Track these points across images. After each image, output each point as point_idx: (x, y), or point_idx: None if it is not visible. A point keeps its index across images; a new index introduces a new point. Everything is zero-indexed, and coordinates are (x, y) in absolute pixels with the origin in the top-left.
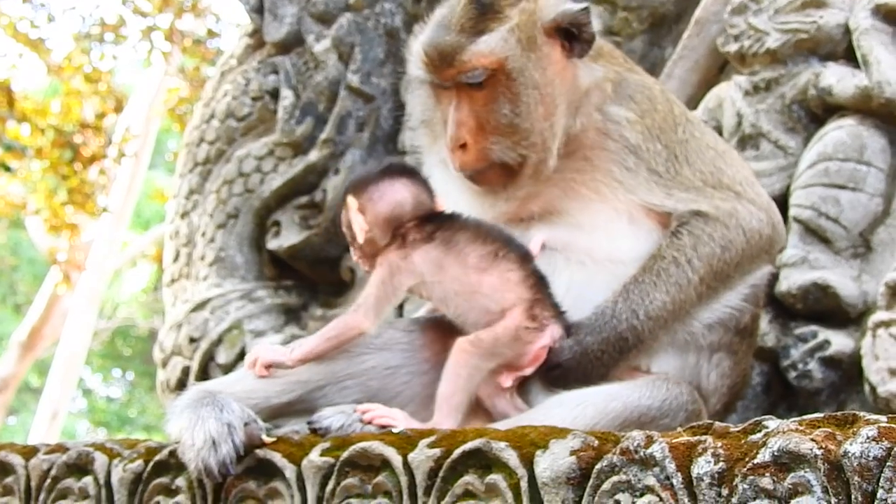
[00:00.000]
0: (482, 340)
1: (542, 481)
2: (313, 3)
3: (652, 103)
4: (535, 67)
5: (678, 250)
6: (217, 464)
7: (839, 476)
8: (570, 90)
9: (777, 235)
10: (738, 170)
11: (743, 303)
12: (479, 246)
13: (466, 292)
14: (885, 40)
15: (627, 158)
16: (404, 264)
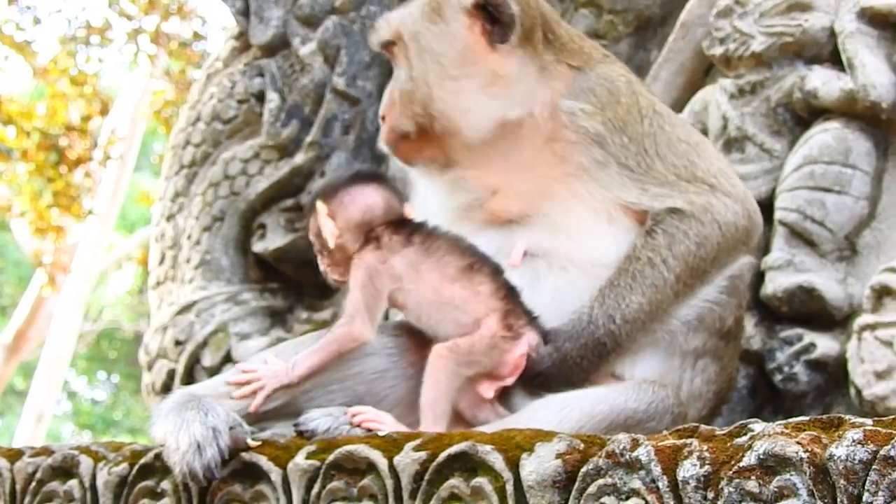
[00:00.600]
0: (459, 346)
1: (527, 484)
2: (299, 6)
3: (614, 95)
4: (435, 38)
5: (653, 250)
6: (202, 468)
7: (825, 479)
8: (492, 73)
9: (753, 225)
10: (712, 162)
11: (721, 295)
12: (458, 258)
13: (439, 302)
14: (870, 43)
15: (593, 150)
16: (383, 267)
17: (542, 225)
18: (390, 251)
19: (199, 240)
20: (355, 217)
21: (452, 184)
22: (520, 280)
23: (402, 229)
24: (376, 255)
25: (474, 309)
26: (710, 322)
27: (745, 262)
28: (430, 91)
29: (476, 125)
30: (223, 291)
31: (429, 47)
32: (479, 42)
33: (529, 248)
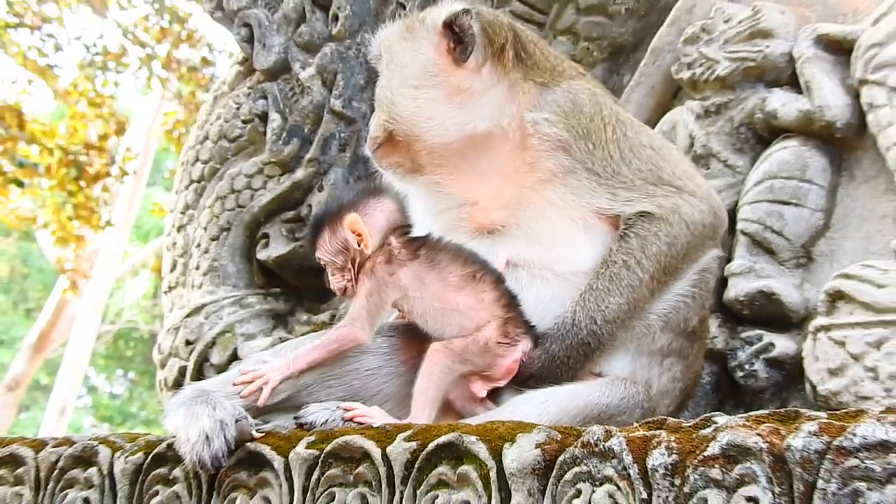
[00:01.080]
0: (454, 345)
1: (509, 472)
2: (299, 34)
3: (577, 105)
4: (404, 52)
5: (627, 253)
6: (210, 457)
7: (783, 467)
8: (455, 87)
9: (718, 221)
10: (677, 164)
11: (692, 289)
12: (460, 267)
13: (445, 309)
14: (825, 68)
15: (559, 156)
16: (391, 279)
17: (523, 235)
18: (398, 264)
19: (207, 248)
20: (381, 223)
21: (428, 188)
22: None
23: (409, 242)
24: (386, 268)
25: (478, 315)
26: (677, 321)
27: (713, 255)
28: (394, 98)
29: (437, 132)
30: (230, 295)
31: (397, 60)
32: (444, 58)
33: (511, 258)
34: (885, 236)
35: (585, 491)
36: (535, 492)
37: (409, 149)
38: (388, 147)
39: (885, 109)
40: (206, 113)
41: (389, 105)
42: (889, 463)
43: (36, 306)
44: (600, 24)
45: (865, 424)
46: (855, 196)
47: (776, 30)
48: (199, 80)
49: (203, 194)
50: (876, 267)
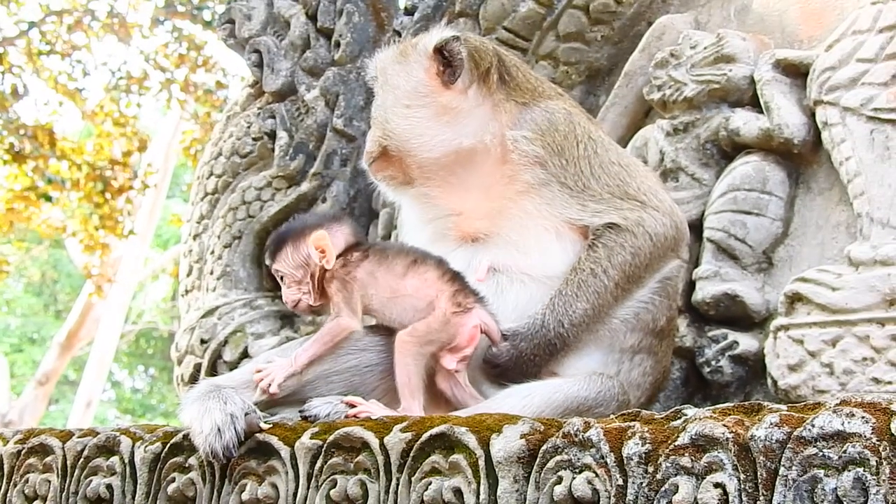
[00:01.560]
0: (417, 329)
1: (496, 460)
2: (305, 59)
3: (552, 124)
4: (396, 74)
5: (594, 262)
6: (222, 448)
7: (747, 456)
8: (443, 107)
9: (680, 234)
10: (643, 181)
11: (653, 296)
12: (403, 257)
13: (396, 297)
14: (783, 89)
15: (536, 170)
16: (349, 279)
17: (503, 242)
18: (353, 267)
19: (220, 255)
20: (340, 245)
21: (418, 200)
22: (486, 293)
23: (360, 248)
24: (344, 270)
25: (425, 294)
26: (645, 321)
27: (675, 265)
28: (387, 116)
29: (426, 148)
30: (241, 298)
31: (391, 81)
32: (434, 80)
33: (492, 264)
34: (838, 243)
35: (566, 478)
36: (521, 478)
37: (402, 163)
38: (382, 161)
39: (838, 128)
40: (219, 131)
41: (384, 123)
42: (845, 451)
43: (65, 308)
44: (578, 50)
45: (823, 416)
46: (811, 206)
47: (738, 55)
48: (213, 101)
49: (217, 205)
50: (831, 271)
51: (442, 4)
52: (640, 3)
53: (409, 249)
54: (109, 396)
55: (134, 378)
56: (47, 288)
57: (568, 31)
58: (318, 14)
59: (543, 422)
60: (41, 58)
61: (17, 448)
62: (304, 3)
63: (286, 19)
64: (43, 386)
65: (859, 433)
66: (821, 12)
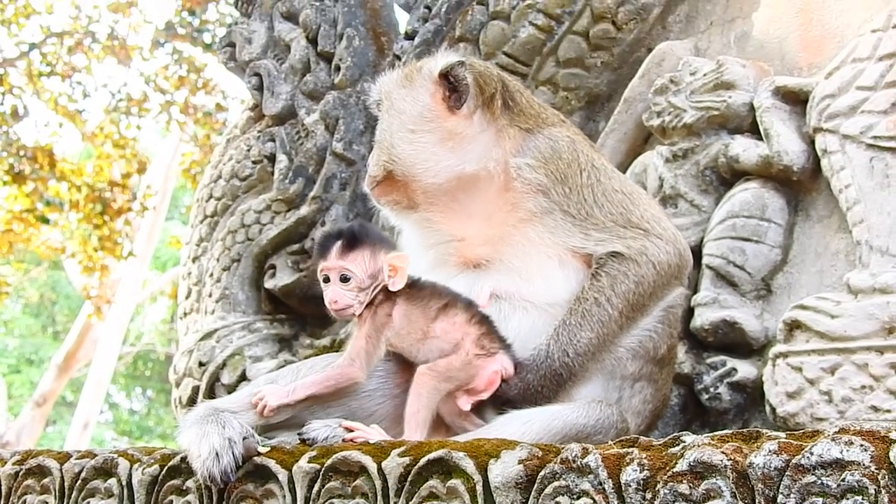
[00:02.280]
0: (438, 366)
1: (494, 485)
2: (305, 83)
3: (555, 152)
4: (402, 99)
5: (598, 291)
6: (220, 472)
7: (745, 483)
8: (448, 132)
9: (683, 262)
10: (646, 209)
11: (658, 324)
12: (436, 300)
13: (425, 338)
14: (783, 117)
15: (539, 198)
16: (388, 320)
17: (505, 269)
18: (391, 305)
19: (219, 278)
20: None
21: (420, 225)
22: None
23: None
24: (384, 309)
25: (452, 336)
26: (647, 349)
27: (678, 293)
28: (393, 140)
29: (431, 173)
30: (239, 321)
31: (396, 105)
32: (440, 105)
33: (495, 291)
34: (837, 271)
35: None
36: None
37: (407, 188)
38: (386, 185)
39: (838, 155)
40: (219, 154)
41: (389, 147)
42: (843, 479)
43: (63, 329)
44: (578, 76)
45: (821, 444)
46: (810, 234)
47: (738, 82)
48: (213, 124)
49: (216, 228)
50: (830, 299)
51: (442, 29)
52: (640, 30)
53: (443, 291)
54: (107, 418)
55: (131, 400)
56: (45, 309)
57: (568, 56)
58: (319, 38)
59: (542, 447)
60: (41, 79)
61: (14, 469)
62: (305, 27)
63: (286, 43)
64: (40, 407)
65: (858, 461)
66: (820, 40)
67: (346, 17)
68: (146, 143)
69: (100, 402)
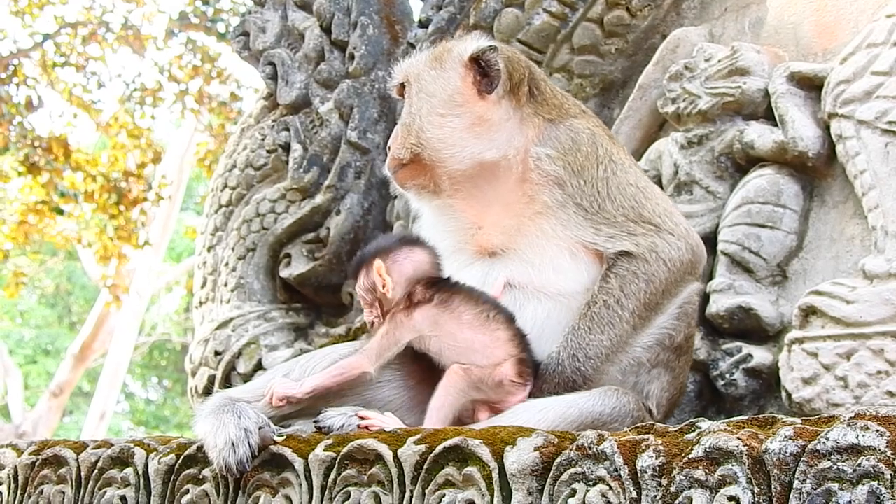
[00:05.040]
0: (472, 372)
1: (510, 473)
2: (319, 72)
3: (575, 144)
4: (433, 81)
5: (607, 293)
6: (236, 463)
7: (761, 469)
8: (477, 117)
9: (697, 257)
10: (658, 203)
11: (675, 321)
12: (472, 306)
13: (460, 347)
14: (798, 102)
15: (554, 191)
16: (406, 321)
17: (519, 259)
18: (415, 308)
19: (234, 267)
20: (408, 272)
21: (442, 210)
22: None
23: (430, 288)
24: (404, 312)
25: (494, 353)
26: (664, 343)
27: (693, 288)
28: (422, 124)
29: (457, 158)
30: (255, 310)
31: (426, 88)
32: (470, 90)
33: (509, 280)
34: (853, 256)
35: (580, 490)
36: (534, 491)
37: (432, 172)
38: (411, 169)
39: (853, 141)
40: (234, 143)
41: (418, 130)
42: (859, 465)
43: (79, 320)
44: (592, 63)
45: (837, 429)
46: (825, 219)
47: (753, 68)
48: (227, 113)
49: (231, 218)
50: (845, 284)
51: (456, 17)
52: (655, 16)
53: (479, 297)
54: (123, 408)
55: (148, 390)
56: (61, 300)
57: (582, 43)
58: (333, 27)
59: (557, 434)
60: (56, 70)
61: (31, 459)
62: (319, 16)
63: (300, 32)
64: (57, 397)
65: (874, 446)
66: (835, 25)
67: (360, 5)
68: (161, 132)
69: (116, 392)
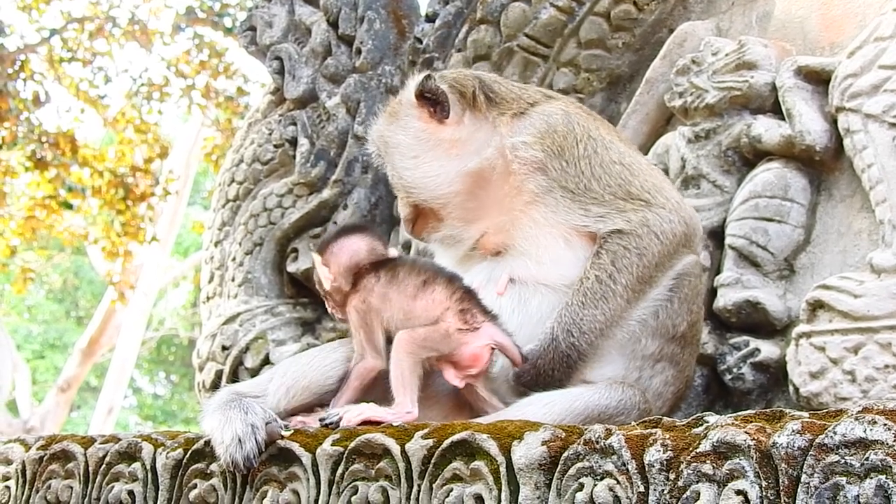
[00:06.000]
0: (416, 331)
1: (518, 467)
2: (326, 66)
3: (550, 126)
4: (394, 134)
5: (599, 269)
6: (242, 458)
7: (769, 463)
8: (448, 142)
9: (690, 230)
10: (646, 178)
11: (670, 293)
12: (414, 277)
13: (406, 318)
14: (805, 96)
15: (538, 177)
16: (364, 306)
17: (518, 254)
18: (366, 291)
19: (242, 262)
20: (343, 262)
21: (444, 243)
22: (510, 304)
23: (371, 268)
24: (358, 297)
25: (432, 314)
26: (665, 325)
27: (689, 261)
28: (403, 174)
29: (445, 183)
30: (262, 305)
31: (392, 143)
32: (429, 122)
33: (512, 276)
34: (860, 250)
35: (587, 485)
36: (542, 485)
37: (434, 211)
38: (420, 221)
39: (860, 134)
40: (240, 138)
41: (404, 181)
42: (867, 459)
43: (86, 315)
44: (599, 57)
45: (845, 423)
46: (833, 213)
47: (760, 62)
48: (234, 108)
49: (238, 212)
50: (853, 278)
51: (463, 12)
52: (662, 10)
53: (421, 266)
54: (131, 403)
55: (155, 384)
56: (69, 295)
57: (589, 37)
58: (340, 21)
59: (565, 428)
60: (63, 65)
61: (39, 454)
62: (326, 11)
63: (307, 26)
64: (65, 392)
65: (881, 440)
66: (842, 19)
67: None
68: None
69: (124, 387)
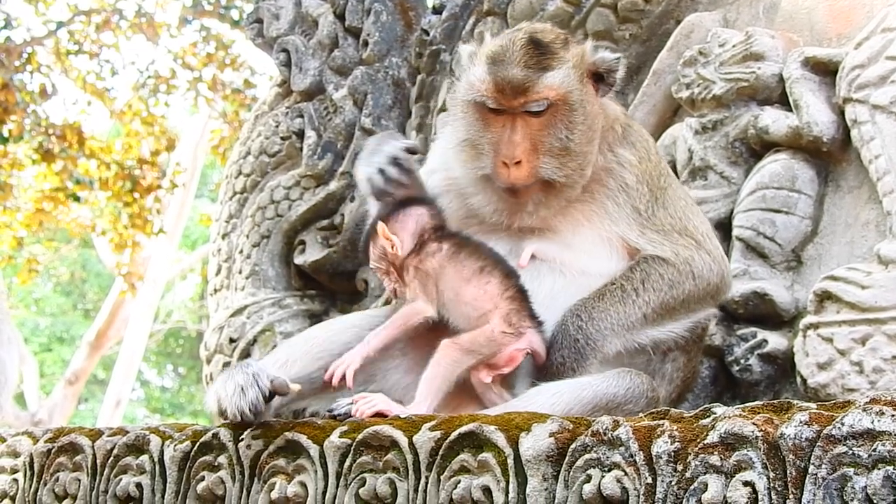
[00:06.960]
0: (462, 340)
1: (525, 459)
2: (333, 59)
3: (647, 152)
4: (585, 101)
5: (627, 280)
6: (248, 405)
7: (776, 454)
8: (601, 125)
9: (724, 286)
10: (702, 222)
11: (685, 332)
12: (474, 261)
13: (454, 298)
14: (812, 87)
15: (619, 196)
16: (422, 266)
17: (555, 238)
18: (428, 255)
19: (249, 254)
20: (410, 227)
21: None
22: (523, 277)
23: (438, 237)
24: (416, 259)
25: (481, 305)
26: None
27: (710, 313)
28: (580, 150)
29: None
30: (270, 297)
31: (583, 110)
32: (597, 99)
33: (537, 253)
34: (868, 241)
35: (595, 476)
36: (549, 477)
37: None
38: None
39: (868, 125)
40: (248, 131)
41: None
42: (874, 450)
43: (94, 307)
44: (606, 49)
45: (852, 414)
46: (840, 205)
47: (767, 53)
48: (241, 100)
49: (245, 205)
50: (860, 270)
51: (470, 3)
52: (669, 2)
53: (483, 252)
54: (138, 395)
55: (163, 377)
56: (76, 287)
57: (596, 29)
58: (346, 13)
59: (572, 420)
60: (69, 57)
61: (47, 447)
62: (332, 3)
63: (314, 18)
64: (72, 385)
65: (889, 431)
66: (849, 10)
67: None
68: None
69: (131, 380)
